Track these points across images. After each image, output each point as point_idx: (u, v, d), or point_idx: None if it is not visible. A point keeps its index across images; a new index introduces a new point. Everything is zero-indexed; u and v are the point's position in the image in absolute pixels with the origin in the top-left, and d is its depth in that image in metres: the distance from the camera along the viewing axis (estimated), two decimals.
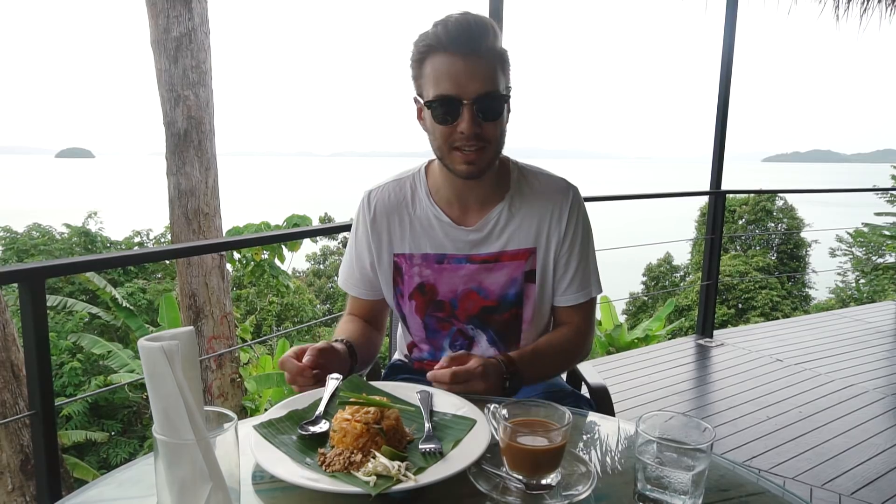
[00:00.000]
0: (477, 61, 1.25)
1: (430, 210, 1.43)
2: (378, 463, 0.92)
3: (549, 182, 1.46)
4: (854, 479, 2.78)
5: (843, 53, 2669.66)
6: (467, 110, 1.25)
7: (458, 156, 1.30)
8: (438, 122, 1.29)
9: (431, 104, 1.28)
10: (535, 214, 1.42)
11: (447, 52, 1.25)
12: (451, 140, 1.29)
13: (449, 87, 1.25)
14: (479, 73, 1.25)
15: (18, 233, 16.98)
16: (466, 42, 1.24)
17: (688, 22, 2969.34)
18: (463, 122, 1.26)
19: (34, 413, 1.73)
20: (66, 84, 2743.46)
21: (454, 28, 1.24)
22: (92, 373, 10.71)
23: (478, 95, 1.25)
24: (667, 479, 0.88)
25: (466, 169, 1.31)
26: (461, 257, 1.41)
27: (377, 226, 1.45)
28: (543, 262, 1.43)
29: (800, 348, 4.61)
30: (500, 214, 1.41)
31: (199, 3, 6.53)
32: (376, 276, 1.49)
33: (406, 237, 1.44)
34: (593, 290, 1.47)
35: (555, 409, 0.96)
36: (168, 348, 0.71)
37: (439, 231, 1.42)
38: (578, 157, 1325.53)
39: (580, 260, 1.44)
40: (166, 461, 0.73)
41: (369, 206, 1.47)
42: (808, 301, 21.13)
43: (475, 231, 1.40)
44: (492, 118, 1.28)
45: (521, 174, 1.46)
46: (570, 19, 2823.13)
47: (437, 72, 1.26)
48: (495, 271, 1.41)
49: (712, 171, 4.87)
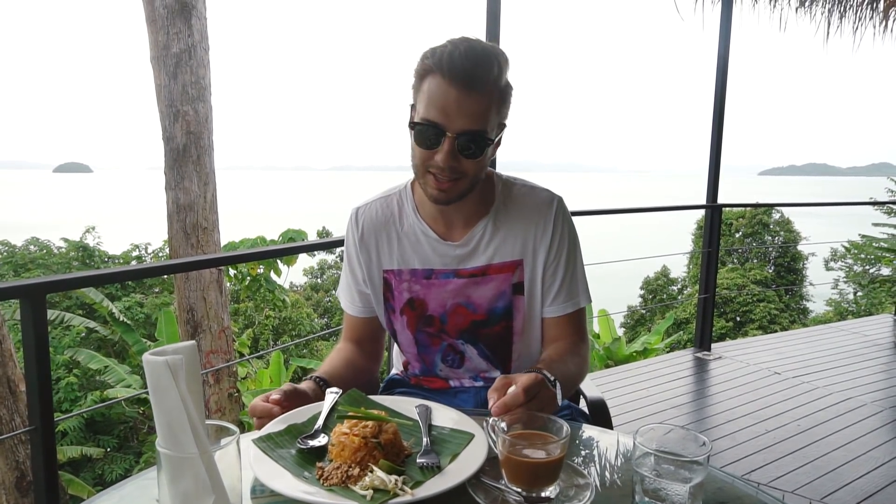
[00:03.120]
0: (471, 97, 1.22)
1: (416, 226, 1.43)
2: (375, 477, 0.93)
3: (533, 194, 1.46)
4: (853, 492, 2.77)
5: (838, 67, 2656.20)
6: (448, 143, 1.24)
7: (432, 181, 1.29)
8: (419, 144, 1.28)
9: (416, 126, 1.27)
10: (521, 227, 1.42)
11: (445, 79, 1.22)
12: (427, 164, 1.28)
13: (436, 114, 1.23)
14: (469, 110, 1.22)
15: (16, 247, 16.96)
16: (465, 76, 1.20)
17: (684, 37, 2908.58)
18: (440, 154, 1.24)
19: (34, 429, 1.73)
20: (65, 99, 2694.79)
21: (458, 57, 1.21)
22: (88, 388, 10.64)
23: (461, 132, 1.23)
24: (664, 491, 0.89)
25: (437, 195, 1.30)
26: (449, 272, 1.42)
27: (365, 243, 1.46)
28: (531, 274, 1.43)
29: (798, 361, 4.62)
30: (484, 228, 1.41)
31: (198, 20, 6.59)
32: (370, 292, 1.50)
33: (394, 253, 1.45)
34: (581, 299, 1.46)
35: (553, 422, 0.97)
36: (172, 363, 0.72)
37: (426, 246, 1.42)
38: (574, 171, 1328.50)
39: (566, 270, 1.44)
40: (169, 474, 0.74)
41: (357, 224, 1.47)
42: (806, 314, 21.14)
43: (461, 246, 1.41)
44: (472, 156, 1.26)
45: (506, 187, 1.46)
46: (566, 33, 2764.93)
47: (431, 95, 1.24)
48: (483, 285, 1.41)
49: (708, 184, 4.91)
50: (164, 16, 6.44)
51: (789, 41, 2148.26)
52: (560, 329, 1.46)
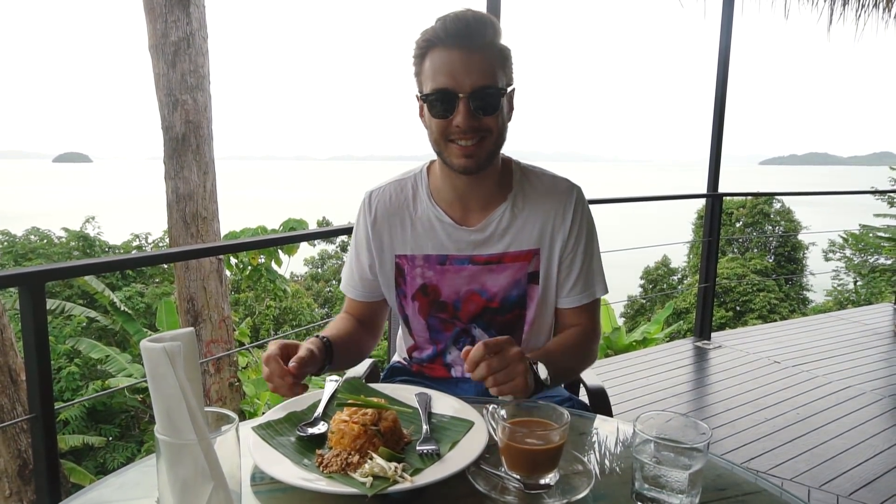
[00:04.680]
0: (474, 55, 1.25)
1: (431, 211, 1.42)
2: (375, 464, 0.93)
3: (553, 182, 1.45)
4: (852, 480, 2.78)
5: (840, 56, 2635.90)
6: (463, 104, 1.25)
7: (456, 149, 1.30)
8: (435, 115, 1.29)
9: (428, 97, 1.28)
10: (539, 215, 1.41)
11: (445, 46, 1.26)
12: (447, 133, 1.29)
13: (445, 80, 1.25)
14: (475, 67, 1.25)
15: (17, 236, 16.96)
16: (464, 36, 1.24)
17: (685, 25, 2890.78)
18: (459, 116, 1.26)
19: (34, 417, 1.73)
20: (64, 88, 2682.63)
21: (452, 23, 1.25)
22: (90, 377, 10.67)
23: (474, 89, 1.25)
24: (664, 478, 0.89)
25: (464, 162, 1.30)
26: (464, 258, 1.41)
27: (378, 227, 1.45)
28: (547, 264, 1.42)
29: (797, 350, 4.62)
30: (502, 215, 1.40)
31: (197, 8, 6.54)
32: (375, 279, 1.49)
33: (408, 238, 1.44)
34: (597, 290, 1.46)
35: (553, 409, 0.97)
36: (170, 349, 0.72)
37: (441, 232, 1.41)
38: (576, 161, 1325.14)
39: (584, 260, 1.43)
40: (168, 461, 0.73)
41: (370, 208, 1.46)
42: (806, 303, 21.14)
43: (477, 232, 1.40)
44: (489, 112, 1.28)
45: (524, 175, 1.45)
46: (568, 22, 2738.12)
47: (435, 66, 1.27)
48: (498, 272, 1.41)
49: (709, 174, 4.89)
50: (163, 4, 6.40)
51: (790, 30, 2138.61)
52: (573, 320, 1.47)
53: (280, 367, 1.15)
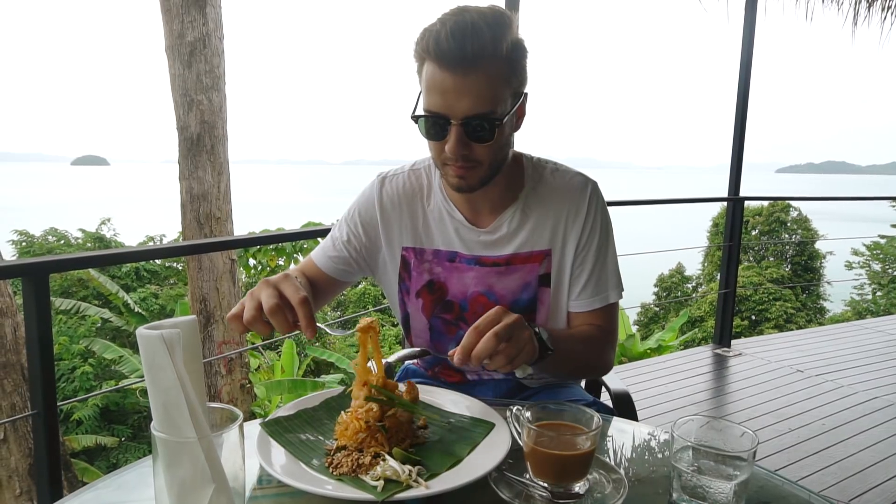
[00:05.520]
0: (468, 78, 1.10)
1: (443, 205, 1.35)
2: (387, 466, 0.87)
3: (566, 178, 1.36)
4: (883, 495, 2.67)
5: (857, 65, 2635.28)
6: (455, 131, 1.14)
7: (450, 170, 1.21)
8: (426, 136, 1.20)
9: (420, 118, 1.19)
10: (551, 214, 1.33)
11: (437, 64, 1.12)
12: (441, 156, 1.20)
13: (437, 102, 1.14)
14: (470, 92, 1.11)
15: (35, 237, 17.15)
16: (457, 57, 1.09)
17: (703, 30, 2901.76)
18: (449, 142, 1.16)
19: (36, 413, 1.68)
20: (83, 93, 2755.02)
21: (446, 37, 1.09)
22: (103, 377, 10.72)
23: (466, 117, 1.13)
24: (704, 488, 0.82)
25: (458, 182, 1.22)
26: (471, 258, 1.33)
27: (387, 214, 1.37)
28: (559, 265, 1.34)
29: (820, 359, 4.50)
30: (513, 216, 1.32)
31: (213, 9, 6.56)
32: (352, 258, 1.39)
33: (418, 230, 1.37)
34: (611, 294, 1.36)
35: (582, 412, 0.90)
36: (168, 337, 0.66)
37: (451, 228, 1.34)
38: (589, 166, 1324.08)
39: (596, 260, 1.34)
40: (166, 461, 0.67)
41: (381, 192, 1.39)
42: (824, 313, 20.81)
43: (487, 233, 1.33)
44: (482, 141, 1.16)
45: (536, 171, 1.37)
46: (585, 27, 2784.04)
47: (428, 83, 1.15)
48: (506, 276, 1.33)
49: (730, 177, 4.80)
50: (179, 4, 6.42)
51: (808, 37, 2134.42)
52: (586, 323, 1.37)
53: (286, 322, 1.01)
